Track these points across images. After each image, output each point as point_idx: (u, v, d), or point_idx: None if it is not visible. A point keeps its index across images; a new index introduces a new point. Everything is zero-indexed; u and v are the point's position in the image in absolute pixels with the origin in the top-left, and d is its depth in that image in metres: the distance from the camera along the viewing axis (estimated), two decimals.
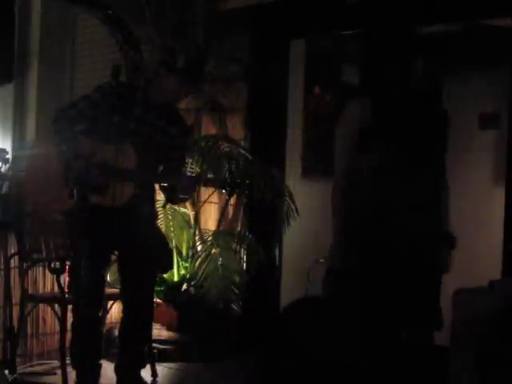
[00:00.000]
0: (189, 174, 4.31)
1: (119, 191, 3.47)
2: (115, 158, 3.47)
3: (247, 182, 4.38)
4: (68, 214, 3.66)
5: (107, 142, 3.51)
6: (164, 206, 4.52)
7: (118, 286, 4.17)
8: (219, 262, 4.72)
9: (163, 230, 5.00)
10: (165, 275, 4.99)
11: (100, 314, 3.90)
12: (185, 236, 5.06)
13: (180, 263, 5.03)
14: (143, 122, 3.57)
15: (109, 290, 4.13)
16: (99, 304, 3.81)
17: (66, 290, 4.11)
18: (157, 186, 3.77)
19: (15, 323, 4.20)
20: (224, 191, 3.67)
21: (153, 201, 3.80)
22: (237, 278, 4.79)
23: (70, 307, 4.00)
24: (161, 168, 3.67)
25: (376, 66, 3.19)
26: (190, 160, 4.84)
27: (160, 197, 4.04)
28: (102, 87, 3.62)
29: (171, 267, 4.51)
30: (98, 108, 3.55)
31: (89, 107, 3.56)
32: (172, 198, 3.81)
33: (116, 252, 3.76)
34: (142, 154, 3.49)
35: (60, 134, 3.54)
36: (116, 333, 4.46)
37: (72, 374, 3.81)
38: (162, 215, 5.02)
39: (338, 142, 3.16)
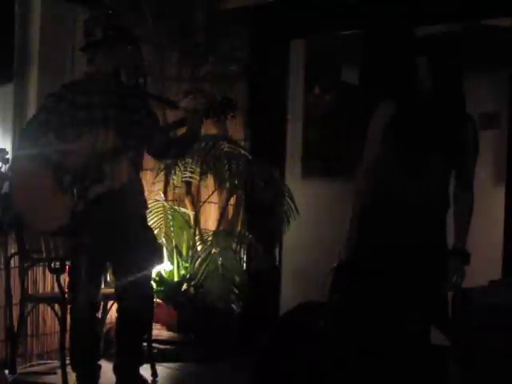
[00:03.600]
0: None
1: (116, 174, 3.48)
2: (95, 147, 3.48)
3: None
4: (67, 229, 3.62)
5: (81, 136, 3.52)
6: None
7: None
8: (219, 262, 4.72)
9: (163, 229, 5.01)
10: (165, 275, 4.99)
11: (97, 315, 3.89)
12: (185, 236, 5.07)
13: (180, 263, 5.04)
14: (103, 107, 3.59)
15: (108, 290, 4.13)
16: (95, 304, 3.80)
17: (66, 290, 4.11)
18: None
19: (15, 323, 4.20)
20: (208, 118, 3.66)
21: (141, 191, 3.80)
22: (237, 278, 4.79)
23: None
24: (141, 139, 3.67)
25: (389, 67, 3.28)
26: (190, 160, 4.86)
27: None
28: (52, 93, 3.68)
29: (161, 262, 4.51)
30: (58, 111, 3.58)
31: (48, 114, 3.60)
32: (168, 153, 3.85)
33: (110, 248, 3.73)
34: (118, 134, 3.50)
35: (33, 146, 3.55)
36: None
37: (72, 374, 3.81)
38: (162, 215, 5.04)
39: (368, 139, 3.24)
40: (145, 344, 4.15)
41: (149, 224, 4.14)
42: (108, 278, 4.36)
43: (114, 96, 3.65)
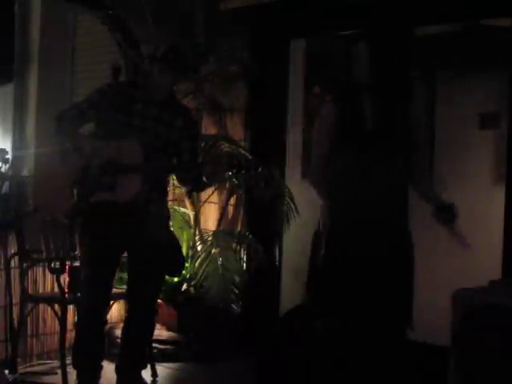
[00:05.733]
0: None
1: (125, 187, 3.48)
2: (120, 154, 3.49)
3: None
4: (70, 215, 3.67)
5: (111, 139, 3.53)
6: (190, 196, 4.85)
7: (119, 286, 4.18)
8: (219, 262, 4.72)
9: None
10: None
11: (107, 315, 3.91)
12: (185, 236, 5.07)
13: None
14: (146, 118, 3.60)
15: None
16: (106, 305, 3.82)
17: (66, 290, 4.12)
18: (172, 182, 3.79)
19: (15, 323, 4.20)
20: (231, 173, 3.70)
21: (164, 201, 3.80)
22: (237, 278, 4.79)
23: (72, 307, 4.03)
24: (174, 161, 3.69)
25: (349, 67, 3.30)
26: None
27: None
28: (101, 88, 3.68)
29: (181, 272, 4.53)
30: (99, 108, 3.58)
31: (89, 107, 3.61)
32: (194, 188, 3.98)
33: (125, 252, 3.76)
34: (148, 148, 3.51)
35: (62, 134, 3.57)
36: (116, 333, 4.47)
37: (72, 374, 3.81)
38: None
39: (316, 142, 3.32)
40: None
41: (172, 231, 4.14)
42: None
43: (159, 110, 3.62)
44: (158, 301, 4.76)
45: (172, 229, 4.93)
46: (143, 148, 3.50)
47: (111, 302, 4.32)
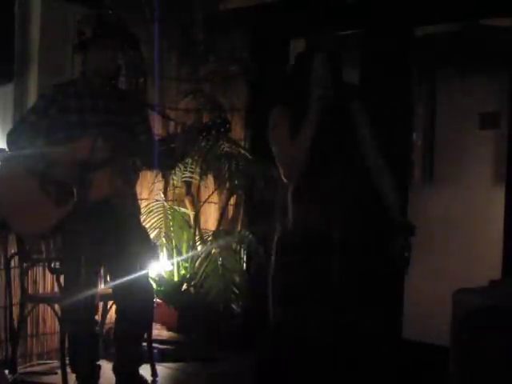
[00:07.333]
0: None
1: (99, 185, 3.44)
2: (84, 154, 3.42)
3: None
4: (56, 227, 3.58)
5: (71, 140, 3.45)
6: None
7: None
8: (219, 262, 4.72)
9: (163, 229, 5.01)
10: (165, 275, 5.00)
11: (95, 316, 3.88)
12: (185, 236, 5.07)
13: (180, 263, 5.04)
14: (96, 111, 3.55)
15: (108, 290, 4.13)
16: (92, 306, 3.78)
17: None
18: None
19: (15, 323, 4.20)
20: (202, 137, 3.60)
21: (133, 192, 3.75)
22: (237, 278, 4.79)
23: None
24: (132, 147, 3.60)
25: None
26: (190, 159, 4.86)
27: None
28: (45, 94, 3.64)
29: (155, 259, 4.50)
30: (48, 114, 3.54)
31: (39, 117, 3.56)
32: (163, 167, 3.96)
33: (104, 250, 3.72)
34: (108, 141, 3.42)
35: (21, 149, 3.52)
36: None
37: (72, 375, 3.81)
38: (162, 215, 5.04)
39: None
40: (145, 344, 4.15)
41: (143, 224, 4.11)
42: (108, 279, 4.36)
43: (106, 100, 3.59)
44: (158, 300, 4.78)
45: (172, 229, 4.98)
46: (103, 142, 3.43)
47: (112, 302, 4.33)
